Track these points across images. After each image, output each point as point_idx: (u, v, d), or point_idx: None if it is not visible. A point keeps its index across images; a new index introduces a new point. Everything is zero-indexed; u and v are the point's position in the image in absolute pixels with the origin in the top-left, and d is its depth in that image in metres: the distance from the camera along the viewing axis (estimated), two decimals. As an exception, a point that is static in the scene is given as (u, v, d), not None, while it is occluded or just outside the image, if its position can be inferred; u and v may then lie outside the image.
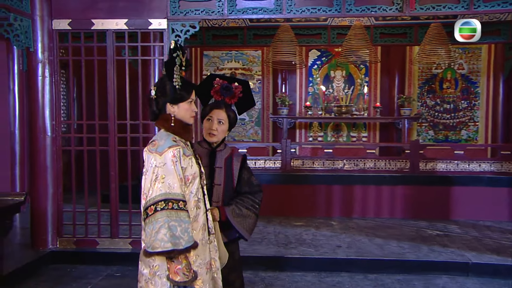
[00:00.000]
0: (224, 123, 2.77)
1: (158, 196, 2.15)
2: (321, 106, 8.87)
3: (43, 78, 4.96)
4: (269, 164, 7.24)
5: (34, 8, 4.89)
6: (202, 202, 2.40)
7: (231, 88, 2.80)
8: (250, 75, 9.33)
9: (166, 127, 2.33)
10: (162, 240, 2.10)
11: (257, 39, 7.41)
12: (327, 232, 6.12)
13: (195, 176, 2.33)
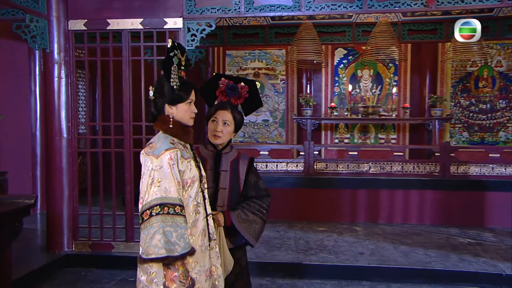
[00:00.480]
0: (229, 125, 2.73)
1: (153, 200, 2.12)
2: (347, 106, 8.72)
3: (59, 79, 5.04)
4: (292, 167, 7.16)
5: (51, 9, 4.98)
6: (202, 206, 2.36)
7: (237, 88, 2.75)
8: (274, 75, 9.27)
9: (164, 129, 2.30)
10: (156, 246, 2.07)
11: (279, 37, 7.34)
12: (350, 238, 5.99)
13: (194, 179, 2.29)
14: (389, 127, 9.10)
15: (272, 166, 7.14)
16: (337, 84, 9.19)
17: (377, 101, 9.05)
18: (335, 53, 9.12)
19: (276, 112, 9.27)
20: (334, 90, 9.18)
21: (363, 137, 9.12)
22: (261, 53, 9.19)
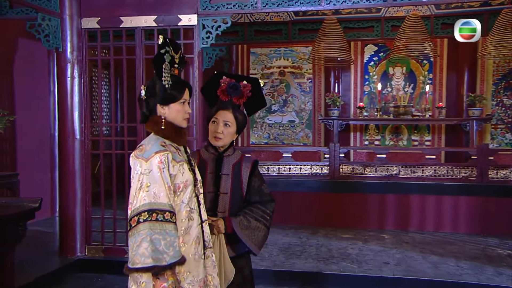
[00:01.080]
0: (230, 126, 2.65)
1: (141, 206, 2.06)
2: (378, 106, 8.50)
3: (72, 79, 5.09)
4: (316, 170, 7.03)
5: (63, 7, 5.04)
6: (196, 212, 2.29)
7: (239, 87, 2.67)
8: (300, 73, 9.15)
9: (155, 130, 2.24)
10: (142, 255, 2.01)
11: (303, 34, 7.21)
12: (375, 247, 5.81)
13: (187, 184, 2.23)
14: (423, 128, 8.83)
15: (296, 169, 7.04)
16: (367, 83, 8.99)
17: (409, 100, 8.80)
18: (365, 50, 8.92)
19: (303, 113, 9.15)
20: (363, 89, 8.99)
21: (395, 139, 8.89)
22: (286, 50, 9.10)
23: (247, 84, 2.69)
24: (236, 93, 2.67)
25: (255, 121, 9.22)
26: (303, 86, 9.15)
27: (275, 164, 7.08)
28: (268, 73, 9.20)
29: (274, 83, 9.18)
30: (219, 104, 2.70)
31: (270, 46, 9.04)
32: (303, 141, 9.14)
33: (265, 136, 9.22)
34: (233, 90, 2.67)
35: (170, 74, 2.22)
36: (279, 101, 9.17)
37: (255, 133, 9.25)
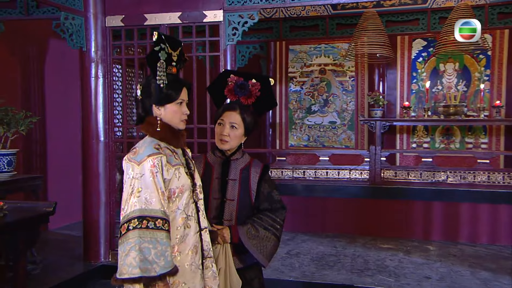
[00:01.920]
0: (238, 128, 2.60)
1: (132, 212, 2.05)
2: (426, 106, 8.19)
3: (96, 79, 5.20)
4: (355, 174, 6.86)
5: (88, 6, 5.15)
6: (194, 220, 2.25)
7: (247, 86, 2.62)
8: (342, 71, 8.96)
9: (150, 132, 2.22)
10: (130, 265, 1.99)
11: (341, 29, 7.06)
12: (418, 259, 5.59)
13: (183, 189, 2.20)
14: (478, 129, 8.42)
15: (333, 173, 6.90)
16: (415, 81, 8.68)
17: (462, 99, 8.42)
18: (413, 44, 8.61)
19: (344, 113, 8.95)
20: (411, 88, 8.68)
21: (446, 141, 8.53)
22: (327, 47, 8.93)
23: (256, 83, 2.63)
24: (244, 92, 2.62)
25: (294, 122, 9.12)
26: (345, 84, 8.96)
27: (311, 168, 6.97)
28: (308, 72, 9.07)
29: (314, 82, 9.04)
30: (225, 105, 2.66)
31: (309, 43, 8.90)
32: (345, 143, 8.95)
33: (304, 138, 9.10)
34: (240, 89, 2.62)
35: (166, 73, 2.19)
36: (319, 101, 9.03)
37: (294, 135, 9.14)
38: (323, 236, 6.67)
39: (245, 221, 2.60)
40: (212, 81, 2.78)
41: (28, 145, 6.68)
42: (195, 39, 5.10)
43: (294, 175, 6.97)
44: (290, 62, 9.15)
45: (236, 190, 2.62)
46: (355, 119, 8.89)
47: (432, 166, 6.62)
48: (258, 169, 2.69)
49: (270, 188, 2.69)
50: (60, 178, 6.95)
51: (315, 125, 9.05)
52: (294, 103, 9.10)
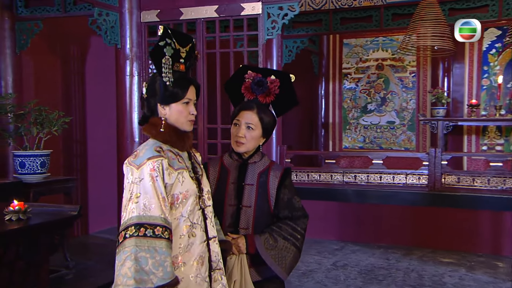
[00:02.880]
0: (254, 129, 2.52)
1: (129, 219, 2.01)
2: (499, 103, 7.75)
3: (131, 76, 5.27)
4: (412, 179, 6.57)
5: (123, 1, 5.23)
6: (201, 228, 2.19)
7: (265, 83, 2.53)
8: (402, 66, 8.67)
9: (153, 134, 2.18)
10: (125, 275, 1.96)
11: (398, 20, 6.79)
12: (482, 276, 5.28)
13: (187, 195, 2.14)
14: (562, 130, 7.90)
15: (388, 178, 6.64)
16: (486, 75, 8.25)
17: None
18: (485, 35, 8.18)
19: (404, 112, 8.65)
20: (481, 83, 8.26)
21: (522, 144, 8.05)
22: (385, 40, 8.67)
23: (275, 80, 2.54)
24: (261, 90, 2.54)
25: (348, 123, 8.92)
26: (405, 81, 8.66)
27: (363, 172, 6.76)
28: (364, 67, 8.84)
29: (371, 79, 8.81)
30: (242, 104, 2.59)
31: (365, 36, 8.68)
32: (404, 145, 8.65)
33: (359, 139, 8.88)
34: (258, 86, 2.54)
35: (172, 70, 2.16)
36: (376, 99, 8.78)
37: (348, 136, 8.94)
38: (375, 247, 6.46)
39: (263, 230, 2.52)
40: (230, 78, 2.72)
41: (69, 146, 6.90)
42: (233, 33, 5.06)
43: (345, 179, 6.78)
44: (344, 57, 8.97)
45: (253, 196, 2.55)
46: (416, 118, 8.57)
47: (502, 172, 6.24)
48: (278, 173, 2.60)
49: (290, 194, 2.60)
50: (100, 180, 7.14)
51: (372, 126, 8.81)
52: (349, 101, 8.90)
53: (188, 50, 2.24)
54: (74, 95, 7.02)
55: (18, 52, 5.93)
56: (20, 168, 4.92)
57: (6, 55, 5.92)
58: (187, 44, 2.24)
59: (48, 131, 4.97)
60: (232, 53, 5.07)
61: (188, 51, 2.24)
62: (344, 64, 8.93)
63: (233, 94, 2.67)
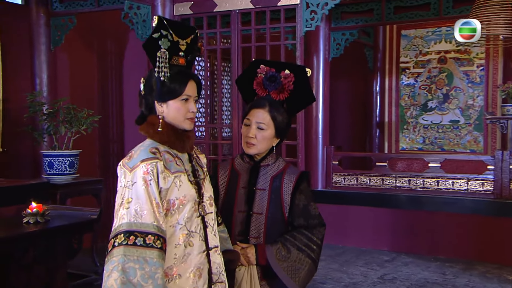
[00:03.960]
0: (266, 128, 2.45)
1: (119, 226, 1.99)
2: None
3: (164, 73, 5.32)
4: (475, 185, 6.30)
5: (155, -7, 5.30)
6: (199, 237, 2.14)
7: (278, 78, 2.46)
8: (468, 59, 8.33)
9: (150, 133, 2.16)
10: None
11: (459, 6, 6.50)
12: (551, 296, 4.97)
13: (184, 200, 2.10)
14: None
15: (446, 183, 6.42)
16: None
17: None
18: None
19: (470, 110, 8.30)
20: None
21: None
22: (449, 30, 8.34)
23: (289, 74, 2.47)
24: (274, 86, 2.47)
25: (406, 122, 8.67)
26: (472, 75, 8.30)
27: (418, 176, 6.55)
28: (424, 61, 8.56)
29: (432, 73, 8.51)
30: (253, 102, 2.53)
31: (426, 26, 8.39)
32: (470, 147, 8.30)
33: (418, 140, 8.59)
34: (270, 82, 2.47)
35: (169, 64, 2.13)
36: (437, 96, 8.47)
37: (406, 137, 8.68)
38: (431, 259, 6.22)
39: (276, 240, 2.46)
40: (242, 72, 2.67)
41: (105, 146, 7.06)
42: (269, 25, 5.01)
43: (397, 184, 6.60)
44: (402, 50, 8.73)
45: (265, 202, 2.49)
46: (483, 118, 8.21)
47: None
48: (293, 177, 2.52)
49: (306, 201, 2.52)
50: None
51: (432, 125, 8.52)
52: (407, 98, 8.66)
53: (189, 42, 2.20)
54: (111, 92, 7.17)
55: (52, 49, 6.12)
56: (48, 168, 5.07)
57: (41, 51, 6.12)
58: (188, 36, 2.20)
59: (76, 130, 5.08)
60: (268, 47, 5.01)
61: (190, 43, 2.20)
62: (402, 57, 8.69)
63: (245, 91, 2.62)
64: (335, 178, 6.96)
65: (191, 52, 2.22)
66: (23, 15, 6.06)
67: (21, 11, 6.13)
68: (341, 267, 5.91)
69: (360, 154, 8.09)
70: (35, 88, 5.99)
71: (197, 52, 2.28)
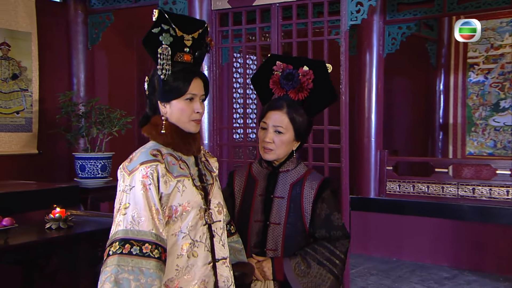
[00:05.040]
0: (284, 132, 2.42)
1: (115, 234, 2.00)
2: None
3: (201, 71, 5.35)
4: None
5: (194, -14, 5.34)
6: (205, 248, 2.12)
7: (296, 76, 2.42)
8: (548, 53, 7.96)
9: (153, 135, 2.16)
10: (102, 301, 1.95)
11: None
12: None
13: (188, 207, 2.08)
14: None
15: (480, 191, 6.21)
16: None
17: None
18: None
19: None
20: None
21: None
22: (527, 20, 8.02)
23: (308, 71, 2.42)
24: (292, 84, 2.44)
25: (474, 123, 8.36)
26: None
27: (484, 184, 6.30)
28: (496, 55, 8.23)
29: (505, 69, 8.17)
30: (269, 103, 2.50)
31: (499, 16, 8.07)
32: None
33: (489, 144, 8.27)
34: (287, 81, 2.44)
35: (171, 61, 2.12)
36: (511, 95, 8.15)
37: (474, 140, 8.37)
38: (500, 278, 6.00)
39: (295, 253, 2.43)
40: (257, 69, 2.63)
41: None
42: (311, 19, 4.94)
43: (460, 192, 6.38)
44: (470, 44, 8.41)
45: (284, 211, 2.46)
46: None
47: None
48: (314, 184, 2.48)
49: (329, 210, 2.47)
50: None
51: (506, 127, 8.20)
52: (475, 98, 8.36)
53: (196, 37, 2.19)
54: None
55: (90, 47, 6.29)
56: (80, 171, 5.21)
57: (79, 50, 6.31)
58: (195, 30, 2.19)
59: (109, 132, 5.19)
60: (310, 43, 4.95)
61: (197, 38, 2.20)
62: (470, 52, 8.41)
63: (261, 90, 2.59)
64: (389, 185, 6.81)
65: (199, 47, 2.21)
66: (61, 13, 6.26)
67: (59, 9, 6.34)
68: (393, 283, 5.78)
69: (417, 159, 7.86)
70: (73, 88, 6.17)
71: (206, 48, 2.27)
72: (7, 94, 5.69)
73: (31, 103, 5.84)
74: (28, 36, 5.90)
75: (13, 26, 5.76)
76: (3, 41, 5.69)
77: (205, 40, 2.25)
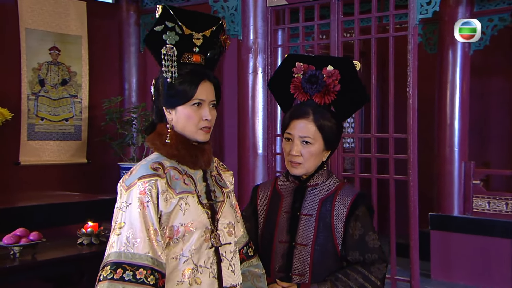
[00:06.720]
0: (313, 142, 2.32)
1: (108, 256, 1.96)
2: None
3: (255, 74, 5.27)
4: None
5: (245, -18, 5.30)
6: (210, 273, 2.04)
7: (320, 78, 2.31)
8: None
9: (157, 146, 2.09)
10: (91, 332, 1.90)
11: None
12: None
13: (191, 228, 2.00)
14: None
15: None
16: None
17: None
18: None
19: None
20: None
21: None
22: None
23: (334, 71, 2.31)
24: (316, 88, 2.33)
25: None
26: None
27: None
28: None
29: None
30: (293, 109, 2.39)
31: None
32: None
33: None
34: (310, 84, 2.33)
35: (177, 63, 2.05)
36: None
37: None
38: None
39: (325, 278, 2.33)
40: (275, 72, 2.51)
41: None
42: (375, 14, 4.78)
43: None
44: None
45: (312, 230, 2.36)
46: None
47: None
48: (347, 199, 2.36)
49: (364, 229, 2.35)
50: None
51: None
52: None
53: (208, 35, 2.11)
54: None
55: (142, 50, 6.38)
56: (125, 182, 5.23)
57: (131, 53, 6.45)
58: (207, 28, 2.12)
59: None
60: (374, 40, 4.78)
61: (209, 37, 2.12)
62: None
63: (280, 96, 2.48)
64: (476, 202, 6.47)
65: (211, 47, 2.13)
66: (112, 14, 6.39)
67: (110, 10, 6.47)
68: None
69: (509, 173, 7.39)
70: (124, 93, 6.27)
71: (220, 47, 2.18)
72: (56, 100, 5.86)
73: (81, 109, 5.98)
74: (78, 39, 6.07)
75: (63, 29, 5.93)
76: (53, 45, 5.86)
77: (219, 38, 2.16)
